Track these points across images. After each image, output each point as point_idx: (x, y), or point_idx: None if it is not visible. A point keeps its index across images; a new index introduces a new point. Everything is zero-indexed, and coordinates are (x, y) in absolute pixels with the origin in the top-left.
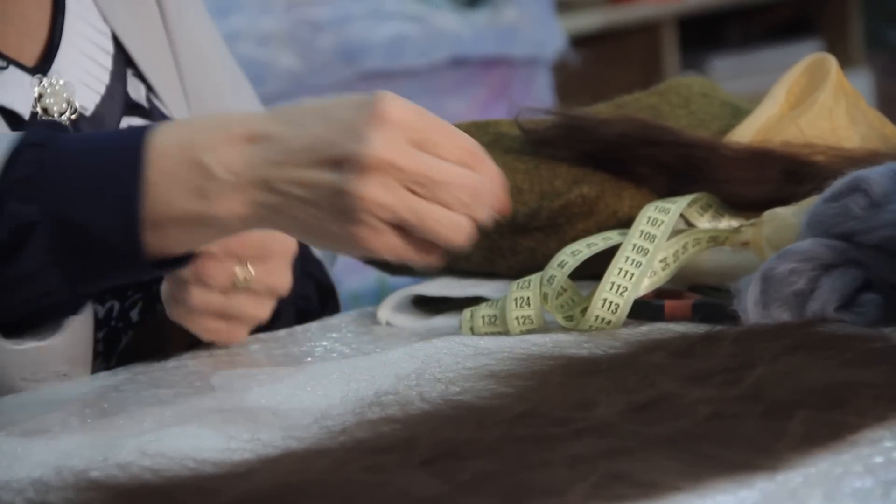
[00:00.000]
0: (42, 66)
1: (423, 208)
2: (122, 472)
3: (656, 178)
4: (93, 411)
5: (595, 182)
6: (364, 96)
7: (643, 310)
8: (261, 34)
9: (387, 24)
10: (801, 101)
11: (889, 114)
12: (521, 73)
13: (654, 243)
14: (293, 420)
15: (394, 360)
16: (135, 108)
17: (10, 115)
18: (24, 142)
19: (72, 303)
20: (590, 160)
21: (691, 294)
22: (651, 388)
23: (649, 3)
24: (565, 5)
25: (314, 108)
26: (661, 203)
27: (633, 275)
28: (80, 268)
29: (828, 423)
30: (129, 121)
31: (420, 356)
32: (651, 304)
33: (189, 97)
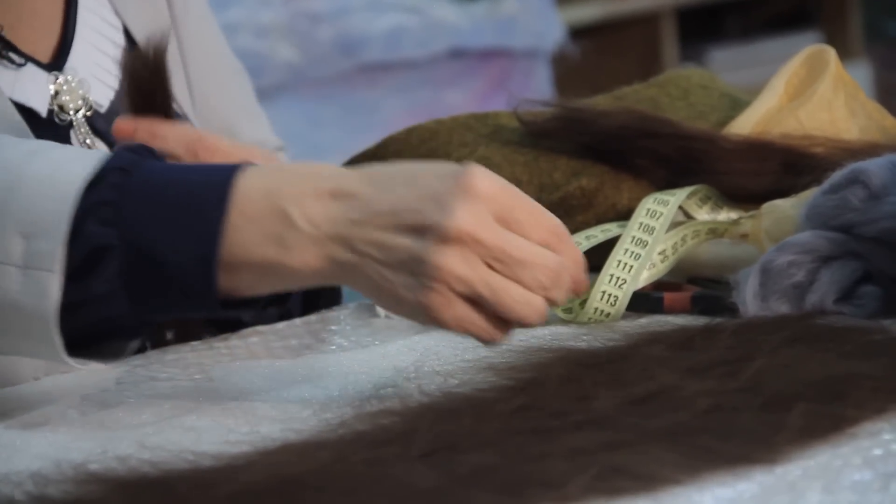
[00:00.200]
0: (57, 61)
1: (499, 284)
2: (121, 464)
3: (655, 170)
4: (92, 404)
5: (594, 174)
6: (454, 166)
7: (642, 302)
8: (259, 26)
9: (385, 15)
10: (800, 92)
11: (888, 105)
12: (521, 64)
13: (653, 235)
14: (292, 413)
15: (392, 352)
16: None
17: (27, 113)
18: (109, 164)
19: (135, 329)
20: (589, 152)
21: (690, 286)
22: (650, 381)
23: None
24: None
25: (403, 171)
26: (660, 195)
27: (631, 267)
28: (149, 297)
29: (827, 415)
30: None
31: (419, 349)
32: (650, 296)
33: (193, 92)
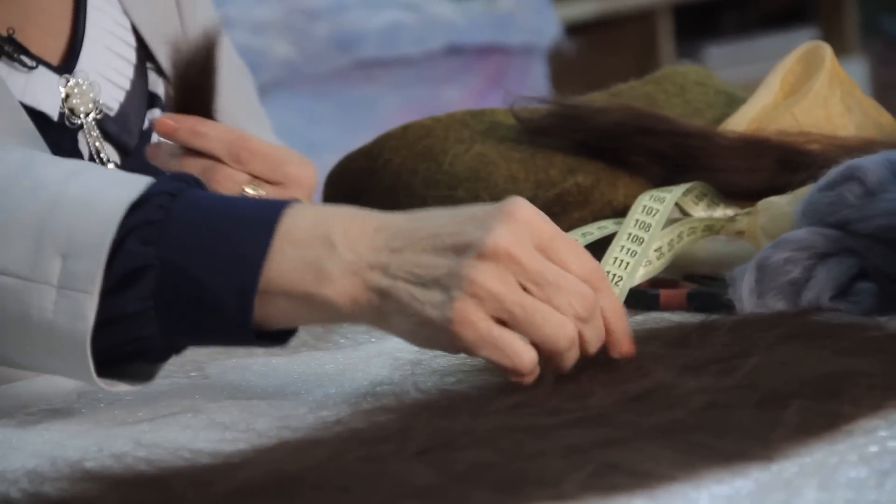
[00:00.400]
0: (67, 63)
1: (531, 304)
2: (117, 462)
3: (651, 167)
4: (87, 401)
5: (590, 171)
6: (496, 203)
7: (638, 299)
8: (255, 22)
9: (382, 12)
10: (795, 89)
11: (884, 102)
12: (517, 61)
13: (650, 232)
14: (288, 410)
15: (389, 349)
16: (155, 100)
17: (38, 117)
18: (155, 188)
19: (161, 353)
20: (585, 149)
21: (686, 283)
22: (646, 378)
23: None
24: None
25: (448, 208)
26: (656, 192)
27: (628, 264)
28: (180, 320)
29: (823, 412)
30: (151, 113)
31: (415, 346)
32: (646, 293)
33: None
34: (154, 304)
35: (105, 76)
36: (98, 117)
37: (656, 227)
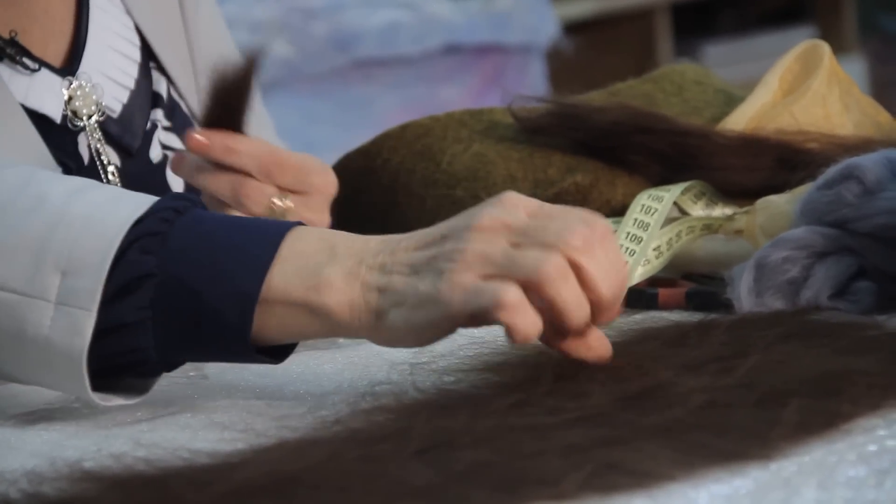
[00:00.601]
0: (70, 65)
1: (516, 252)
2: (116, 462)
3: (650, 166)
4: (86, 402)
5: (588, 170)
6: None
7: (637, 298)
8: (254, 22)
9: (380, 11)
10: (794, 88)
11: (882, 100)
12: (515, 60)
13: (648, 231)
14: (287, 410)
15: (388, 349)
16: (158, 100)
17: (41, 119)
18: (160, 205)
19: (156, 366)
20: (583, 148)
21: (685, 282)
22: (645, 377)
23: None
24: None
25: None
26: (654, 191)
27: (626, 263)
28: (177, 331)
29: (821, 411)
30: (155, 113)
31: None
32: (645, 292)
33: (201, 93)
34: (152, 313)
35: (109, 76)
36: (100, 119)
37: (655, 225)
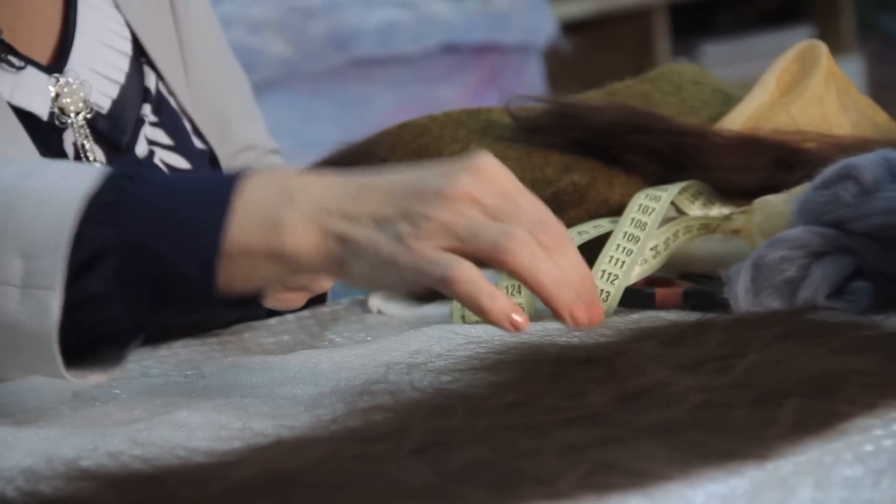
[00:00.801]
0: (57, 62)
1: (479, 222)
2: (113, 461)
3: (647, 166)
4: (83, 400)
5: (586, 170)
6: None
7: (634, 298)
8: (251, 21)
9: (378, 10)
10: (791, 88)
11: (880, 100)
12: (513, 59)
13: (645, 231)
14: (284, 409)
15: (385, 348)
16: (147, 94)
17: (27, 117)
18: (111, 173)
19: (131, 335)
20: (581, 148)
21: (682, 282)
22: (642, 377)
23: None
24: None
25: (412, 165)
26: (651, 191)
27: (623, 263)
28: (146, 296)
29: (818, 411)
30: (143, 108)
31: (411, 345)
32: (642, 292)
33: (192, 89)
34: (118, 283)
35: (98, 71)
36: (88, 116)
37: (652, 225)
